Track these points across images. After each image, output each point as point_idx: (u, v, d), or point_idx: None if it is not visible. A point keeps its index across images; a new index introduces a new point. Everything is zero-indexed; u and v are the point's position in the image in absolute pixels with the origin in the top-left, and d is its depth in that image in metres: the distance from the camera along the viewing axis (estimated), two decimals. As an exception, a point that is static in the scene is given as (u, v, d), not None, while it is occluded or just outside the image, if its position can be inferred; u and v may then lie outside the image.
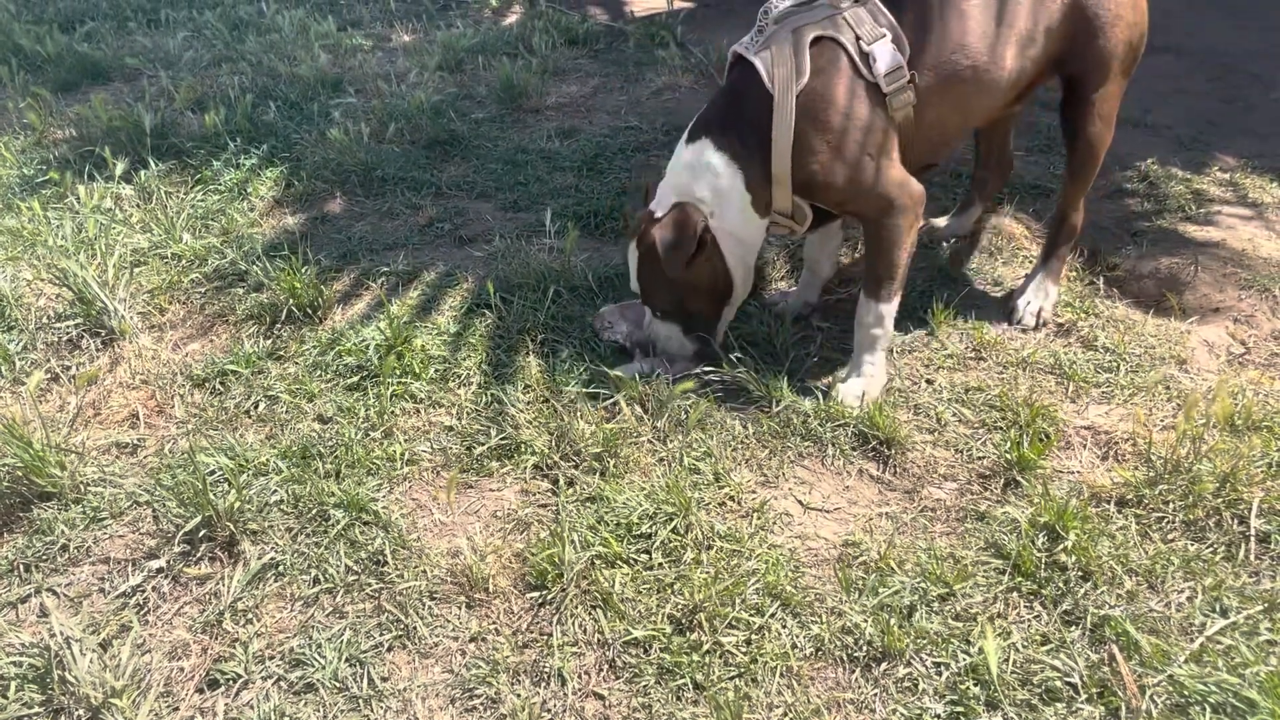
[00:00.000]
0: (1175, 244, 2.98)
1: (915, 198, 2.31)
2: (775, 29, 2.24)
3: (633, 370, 2.39)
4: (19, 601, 1.88)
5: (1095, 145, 2.54)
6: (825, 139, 2.21)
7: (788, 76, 2.19)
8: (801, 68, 2.18)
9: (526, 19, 5.32)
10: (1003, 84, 2.32)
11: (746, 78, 2.24)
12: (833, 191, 2.26)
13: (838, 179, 2.24)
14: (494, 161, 3.63)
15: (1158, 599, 1.78)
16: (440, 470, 2.17)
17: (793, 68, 2.19)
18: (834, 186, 2.25)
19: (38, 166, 3.59)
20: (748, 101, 2.23)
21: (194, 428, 2.30)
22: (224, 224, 3.18)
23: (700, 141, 2.28)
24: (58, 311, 2.69)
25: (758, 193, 2.27)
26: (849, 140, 2.22)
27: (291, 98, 4.22)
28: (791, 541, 1.96)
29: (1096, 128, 2.51)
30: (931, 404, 2.31)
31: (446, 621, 1.80)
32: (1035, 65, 2.37)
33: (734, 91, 2.29)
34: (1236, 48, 4.86)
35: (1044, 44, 2.35)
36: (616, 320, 2.53)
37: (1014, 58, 2.30)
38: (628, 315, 2.54)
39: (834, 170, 2.23)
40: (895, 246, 2.30)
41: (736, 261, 2.35)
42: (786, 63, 2.19)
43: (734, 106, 2.27)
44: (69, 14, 5.58)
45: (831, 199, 2.29)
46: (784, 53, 2.19)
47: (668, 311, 2.41)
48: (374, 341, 2.51)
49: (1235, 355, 2.49)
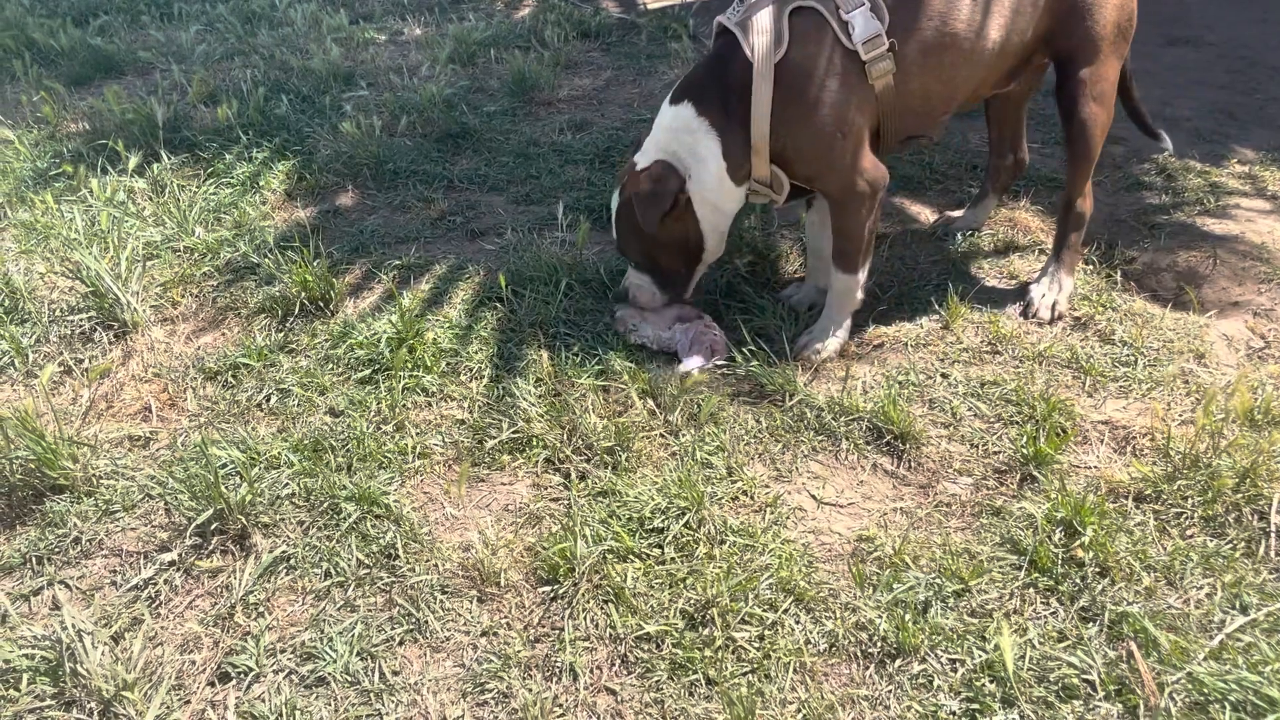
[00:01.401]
0: (1193, 237, 2.95)
1: (879, 184, 2.37)
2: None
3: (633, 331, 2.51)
4: (32, 594, 1.88)
5: (1091, 127, 2.53)
6: (803, 108, 2.24)
7: (768, 45, 2.22)
8: (781, 36, 2.22)
9: (539, 12, 5.30)
10: (987, 55, 2.35)
11: (729, 46, 2.28)
12: (804, 164, 2.32)
13: (811, 151, 2.29)
14: (506, 155, 3.62)
15: (1176, 595, 1.76)
16: (452, 464, 2.16)
17: (773, 37, 2.22)
18: (806, 159, 2.31)
19: (51, 160, 3.59)
20: (730, 69, 2.27)
21: (206, 421, 2.30)
22: (236, 217, 3.18)
23: (683, 105, 2.34)
24: (71, 304, 2.70)
25: (736, 160, 2.33)
26: (825, 111, 2.25)
27: (304, 91, 4.21)
28: (805, 536, 1.94)
29: (1090, 109, 2.51)
30: (947, 398, 2.29)
31: (458, 615, 1.80)
32: (1022, 39, 2.39)
33: (718, 59, 2.32)
34: (1257, 40, 4.81)
35: (1031, 16, 2.37)
36: (639, 323, 2.52)
37: (998, 29, 2.32)
38: (649, 316, 2.53)
39: (808, 142, 2.28)
40: (860, 224, 2.38)
41: (710, 226, 2.43)
42: (766, 32, 2.22)
43: (716, 74, 2.32)
44: (83, 8, 5.59)
45: (802, 172, 2.35)
46: (764, 22, 2.23)
47: (640, 263, 2.51)
48: (385, 335, 2.50)
49: (1255, 349, 2.46)
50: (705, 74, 2.34)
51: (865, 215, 2.37)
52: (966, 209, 3.04)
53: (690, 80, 2.36)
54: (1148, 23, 5.13)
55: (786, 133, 2.27)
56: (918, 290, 2.70)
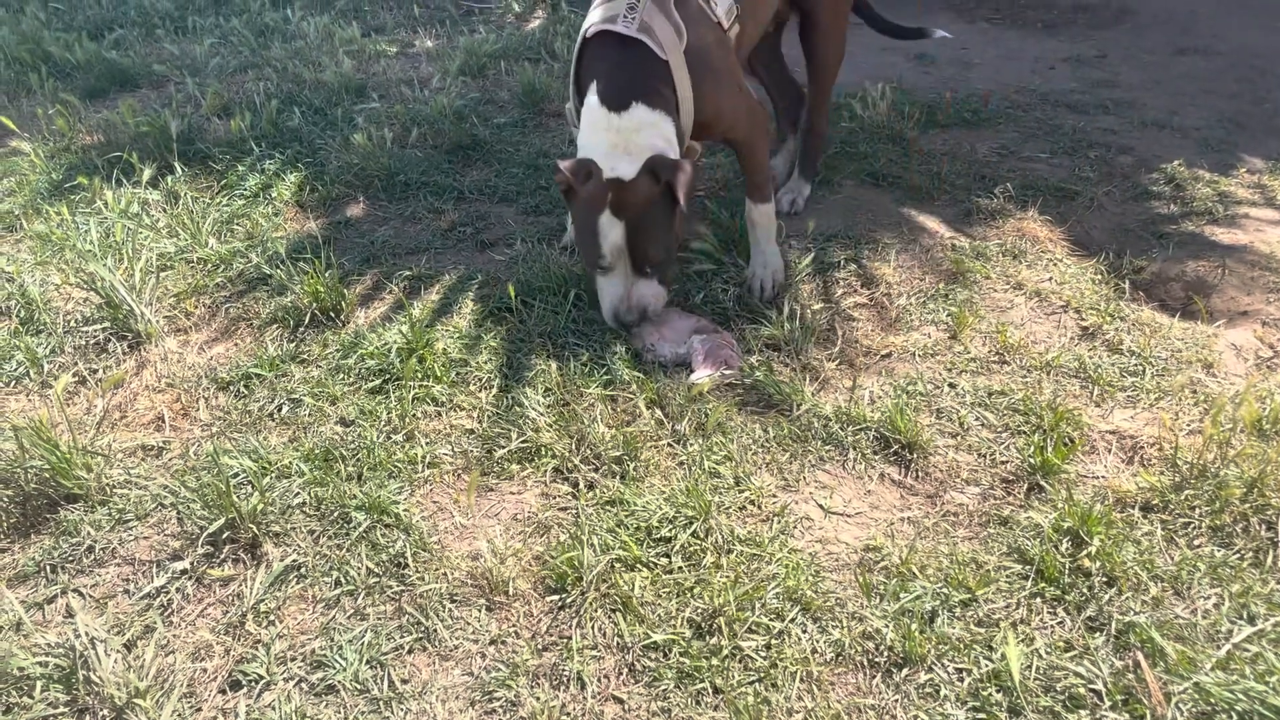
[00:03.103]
0: (1202, 247, 2.95)
1: (767, 114, 2.88)
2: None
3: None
4: (45, 602, 1.90)
5: (829, 60, 3.22)
6: (711, 83, 2.58)
7: (673, 40, 2.50)
8: (679, 29, 2.52)
9: (548, 24, 5.34)
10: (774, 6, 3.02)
11: (639, 50, 2.47)
12: (722, 124, 2.67)
13: (725, 112, 2.65)
14: (516, 166, 3.64)
15: (1183, 605, 1.76)
16: (461, 473, 2.18)
17: (672, 31, 2.50)
18: (723, 120, 2.66)
19: (66, 172, 3.63)
20: (648, 67, 2.48)
21: (218, 430, 2.32)
22: (248, 228, 3.21)
23: (635, 106, 2.46)
24: (85, 315, 2.72)
25: (681, 140, 2.57)
26: (724, 79, 2.64)
27: (316, 103, 4.25)
28: (812, 546, 1.95)
29: (827, 46, 3.18)
30: (954, 408, 2.29)
31: (467, 624, 1.81)
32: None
33: (631, 62, 2.48)
34: (1267, 50, 4.81)
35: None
36: (657, 341, 2.53)
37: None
38: (666, 335, 2.54)
39: (722, 106, 2.63)
40: (765, 155, 2.80)
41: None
42: (667, 29, 2.50)
43: (639, 74, 2.48)
44: (98, 22, 5.65)
45: (720, 130, 2.70)
46: (662, 23, 2.50)
47: (655, 265, 2.54)
48: (396, 345, 2.52)
49: (1263, 359, 2.46)
50: (629, 76, 2.48)
51: (767, 142, 2.81)
52: (777, 157, 3.45)
53: (618, 86, 2.47)
54: (1158, 32, 5.16)
55: (705, 104, 2.57)
56: (925, 300, 2.71)
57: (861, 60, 4.82)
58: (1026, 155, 3.64)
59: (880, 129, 3.79)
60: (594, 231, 2.46)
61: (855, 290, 2.79)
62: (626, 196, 2.42)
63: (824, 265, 2.90)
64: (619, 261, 2.50)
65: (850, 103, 3.94)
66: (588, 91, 2.53)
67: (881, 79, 4.19)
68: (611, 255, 2.48)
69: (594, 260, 2.51)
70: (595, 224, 2.45)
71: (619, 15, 2.49)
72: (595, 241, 2.47)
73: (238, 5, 5.93)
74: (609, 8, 2.54)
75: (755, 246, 2.81)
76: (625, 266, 2.51)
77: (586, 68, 2.59)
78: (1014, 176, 3.43)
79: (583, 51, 2.61)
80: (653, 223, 2.47)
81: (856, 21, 3.37)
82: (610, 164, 2.44)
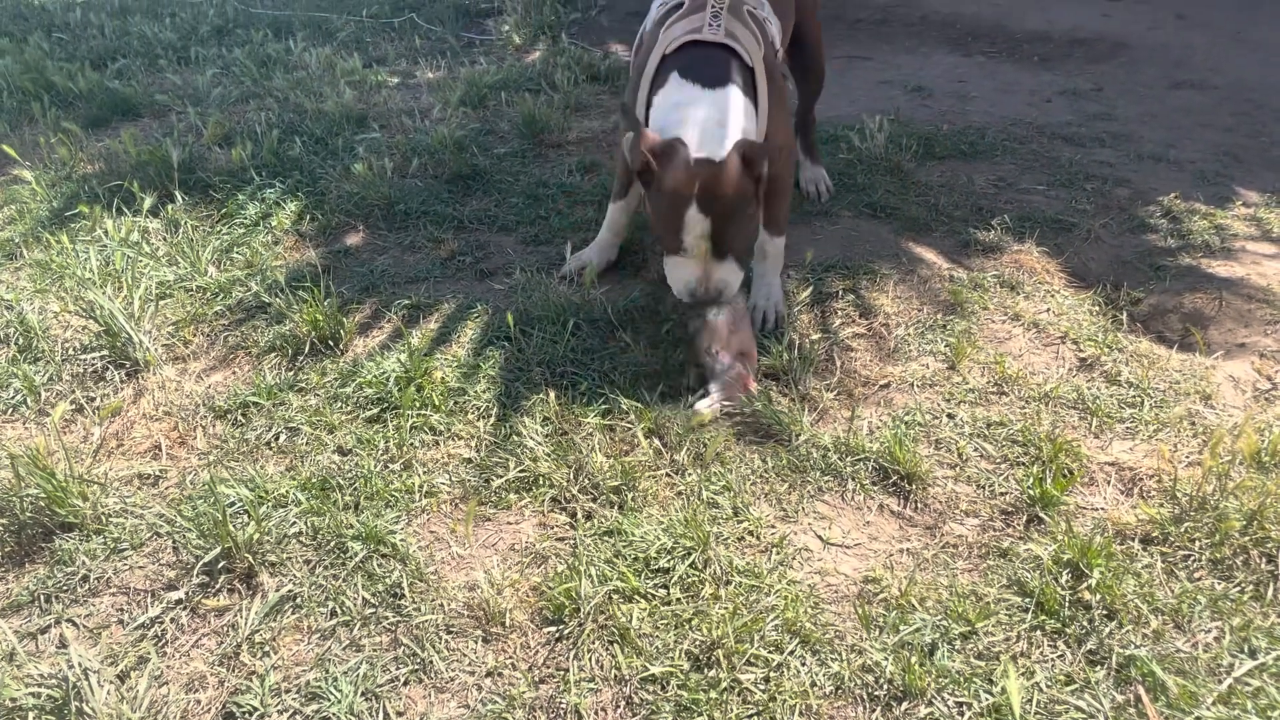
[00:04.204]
0: (1199, 279, 2.96)
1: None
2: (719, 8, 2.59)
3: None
4: (39, 632, 1.88)
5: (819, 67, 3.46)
6: (774, 98, 2.60)
7: (755, 48, 2.56)
8: (758, 39, 2.59)
9: (549, 56, 5.38)
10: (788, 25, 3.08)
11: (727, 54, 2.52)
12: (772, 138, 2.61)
13: (774, 136, 2.60)
14: (515, 195, 3.66)
15: (1184, 639, 1.75)
16: (458, 502, 2.17)
17: (754, 40, 2.57)
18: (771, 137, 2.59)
19: (67, 200, 3.65)
20: (737, 71, 2.51)
21: (215, 459, 2.32)
22: (248, 256, 3.22)
23: (729, 88, 2.47)
24: (84, 343, 2.72)
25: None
26: (779, 102, 2.66)
27: (317, 133, 4.27)
28: (811, 577, 1.94)
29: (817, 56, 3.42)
30: (953, 439, 2.29)
31: (463, 655, 1.79)
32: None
33: (720, 60, 2.51)
34: (1262, 84, 4.85)
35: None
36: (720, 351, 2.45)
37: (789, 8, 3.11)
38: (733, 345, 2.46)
39: (776, 130, 2.62)
40: (790, 189, 2.85)
41: None
42: (749, 37, 2.56)
43: (729, 68, 2.51)
44: (101, 52, 5.68)
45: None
46: (742, 29, 2.57)
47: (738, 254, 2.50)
48: (394, 373, 2.52)
49: (1262, 391, 2.46)
50: (723, 68, 2.50)
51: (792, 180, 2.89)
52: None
53: (715, 73, 2.48)
54: (1153, 66, 5.20)
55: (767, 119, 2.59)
56: (923, 330, 2.71)
57: (859, 93, 4.85)
58: (1023, 187, 3.66)
59: (878, 161, 3.81)
60: (677, 219, 2.36)
61: (853, 320, 2.79)
62: (716, 182, 2.33)
63: (822, 295, 2.90)
64: (700, 250, 2.41)
65: (848, 135, 3.97)
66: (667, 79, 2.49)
67: (879, 111, 4.22)
68: (694, 245, 2.39)
69: (674, 247, 2.43)
70: (679, 212, 2.36)
71: (704, 26, 2.52)
72: (677, 228, 2.38)
73: (240, 36, 5.98)
74: (690, 21, 2.55)
75: (761, 278, 2.80)
76: (706, 253, 2.41)
77: (663, 71, 2.53)
78: (1011, 208, 3.45)
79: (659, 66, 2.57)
80: (740, 211, 2.38)
81: (862, 56, 3.48)
82: (700, 141, 2.36)
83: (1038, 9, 6.27)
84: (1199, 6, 6.01)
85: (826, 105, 3.70)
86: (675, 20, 2.62)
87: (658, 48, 2.58)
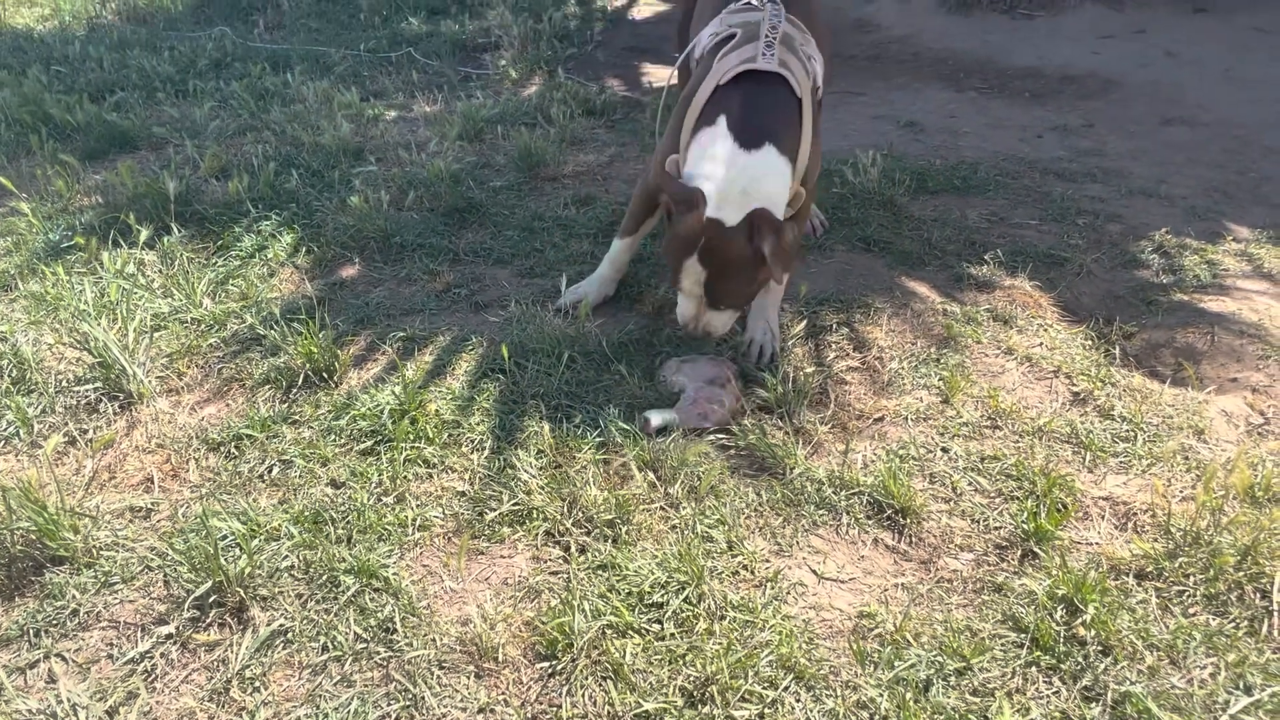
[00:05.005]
0: (1191, 315, 2.98)
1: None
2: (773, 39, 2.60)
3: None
4: (28, 666, 1.86)
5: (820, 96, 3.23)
6: (816, 136, 2.65)
7: (804, 80, 2.58)
8: (808, 71, 2.62)
9: (546, 90, 5.42)
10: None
11: (777, 86, 2.55)
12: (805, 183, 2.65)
13: (809, 174, 2.66)
14: (511, 228, 3.67)
15: (1179, 675, 1.74)
16: (451, 536, 2.16)
17: (803, 72, 2.59)
18: (809, 180, 2.66)
19: (64, 232, 3.65)
20: (783, 105, 2.55)
21: (208, 492, 2.31)
22: (243, 289, 3.22)
23: (766, 148, 2.48)
24: (77, 375, 2.72)
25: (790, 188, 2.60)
26: (818, 141, 2.70)
27: (314, 166, 4.29)
28: (805, 612, 1.93)
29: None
30: (947, 472, 2.29)
31: (455, 691, 1.78)
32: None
33: (768, 97, 2.55)
34: (1251, 120, 4.90)
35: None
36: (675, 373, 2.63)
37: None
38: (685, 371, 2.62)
39: (812, 167, 2.67)
40: (800, 234, 2.74)
41: None
42: (799, 68, 2.58)
43: (776, 112, 2.55)
44: (99, 85, 5.71)
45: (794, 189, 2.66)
46: (794, 60, 2.59)
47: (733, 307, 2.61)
48: (388, 406, 2.52)
49: (1254, 426, 2.47)
50: (769, 113, 2.52)
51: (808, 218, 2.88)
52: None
53: (757, 121, 2.50)
54: (1144, 102, 5.26)
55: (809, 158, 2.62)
56: (916, 364, 2.72)
57: (852, 128, 4.90)
58: (1016, 222, 3.69)
59: (871, 195, 3.83)
60: (679, 263, 2.52)
61: (848, 354, 2.80)
62: (719, 243, 2.45)
63: (817, 329, 2.91)
64: (695, 295, 2.57)
65: (842, 169, 4.00)
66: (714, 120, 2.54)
67: (872, 146, 4.26)
68: (689, 290, 2.56)
69: (676, 282, 2.59)
70: (681, 260, 2.51)
71: (758, 55, 2.56)
72: (678, 270, 2.53)
73: (238, 69, 6.01)
74: (744, 51, 2.60)
75: (759, 312, 2.81)
76: (700, 301, 2.58)
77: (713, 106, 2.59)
78: (1003, 242, 3.47)
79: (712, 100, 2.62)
80: (736, 274, 2.50)
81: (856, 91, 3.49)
82: (718, 203, 2.45)
83: (1029, 46, 6.34)
84: (1188, 45, 6.08)
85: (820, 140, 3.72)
86: (730, 50, 2.67)
87: (711, 76, 2.64)
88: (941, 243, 3.48)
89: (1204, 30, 6.26)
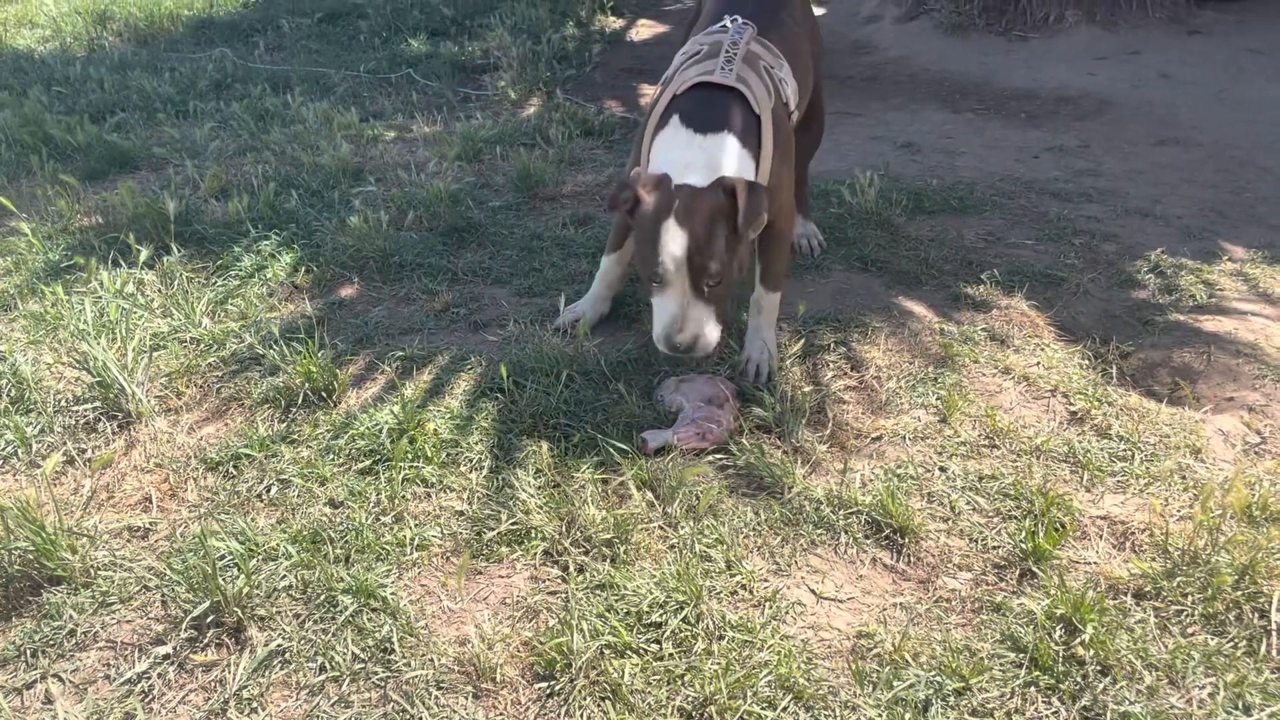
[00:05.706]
0: (1187, 334, 2.99)
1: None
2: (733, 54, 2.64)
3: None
4: (25, 687, 1.86)
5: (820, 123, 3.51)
6: (779, 151, 2.65)
7: (765, 97, 2.60)
8: (769, 90, 2.64)
9: (544, 111, 5.45)
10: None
11: (734, 98, 2.57)
12: (774, 202, 2.58)
13: (780, 190, 2.67)
14: (510, 248, 3.69)
15: (1178, 695, 1.74)
16: (450, 555, 2.16)
17: (764, 90, 2.62)
18: (776, 198, 2.62)
19: (64, 252, 3.66)
20: (741, 113, 2.56)
21: (206, 511, 2.31)
22: (242, 308, 3.23)
23: (722, 134, 2.51)
24: (76, 395, 2.72)
25: None
26: (788, 157, 2.75)
27: (313, 186, 4.31)
28: (804, 632, 1.93)
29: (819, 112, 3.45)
30: (945, 492, 2.29)
31: (453, 712, 1.78)
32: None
33: (724, 104, 2.56)
34: (1245, 140, 4.93)
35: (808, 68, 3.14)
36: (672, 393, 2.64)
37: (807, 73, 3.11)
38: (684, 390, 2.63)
39: (781, 183, 2.69)
40: (787, 250, 2.85)
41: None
42: (760, 86, 2.61)
43: (732, 114, 2.55)
44: (100, 105, 5.74)
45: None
46: (754, 77, 2.62)
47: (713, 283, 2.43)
48: (387, 425, 2.52)
49: (1251, 445, 2.47)
50: (724, 114, 2.54)
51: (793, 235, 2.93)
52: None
53: (708, 116, 2.54)
54: (1138, 123, 5.29)
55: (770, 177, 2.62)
56: (914, 383, 2.72)
57: (849, 148, 4.92)
58: (1012, 241, 3.70)
59: (868, 215, 3.85)
60: (655, 239, 2.39)
61: (845, 373, 2.81)
62: (693, 204, 2.38)
63: (814, 348, 2.92)
64: (677, 277, 2.40)
65: (839, 189, 4.01)
66: (668, 122, 2.57)
67: (869, 166, 4.28)
68: (670, 266, 2.39)
69: (651, 272, 2.43)
70: (657, 231, 2.39)
71: (716, 69, 2.59)
72: (654, 250, 2.39)
73: (239, 90, 6.04)
74: (704, 65, 2.63)
75: (755, 332, 2.83)
76: (683, 283, 2.42)
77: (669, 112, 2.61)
78: (1000, 262, 3.48)
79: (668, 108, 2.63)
80: (716, 235, 2.38)
81: (853, 112, 3.51)
82: (684, 175, 2.44)
83: (1025, 67, 6.38)
84: (1182, 66, 6.13)
85: (817, 160, 3.74)
86: (690, 64, 2.71)
87: (669, 89, 2.68)
88: (938, 262, 3.49)
89: (1198, 52, 6.31)
